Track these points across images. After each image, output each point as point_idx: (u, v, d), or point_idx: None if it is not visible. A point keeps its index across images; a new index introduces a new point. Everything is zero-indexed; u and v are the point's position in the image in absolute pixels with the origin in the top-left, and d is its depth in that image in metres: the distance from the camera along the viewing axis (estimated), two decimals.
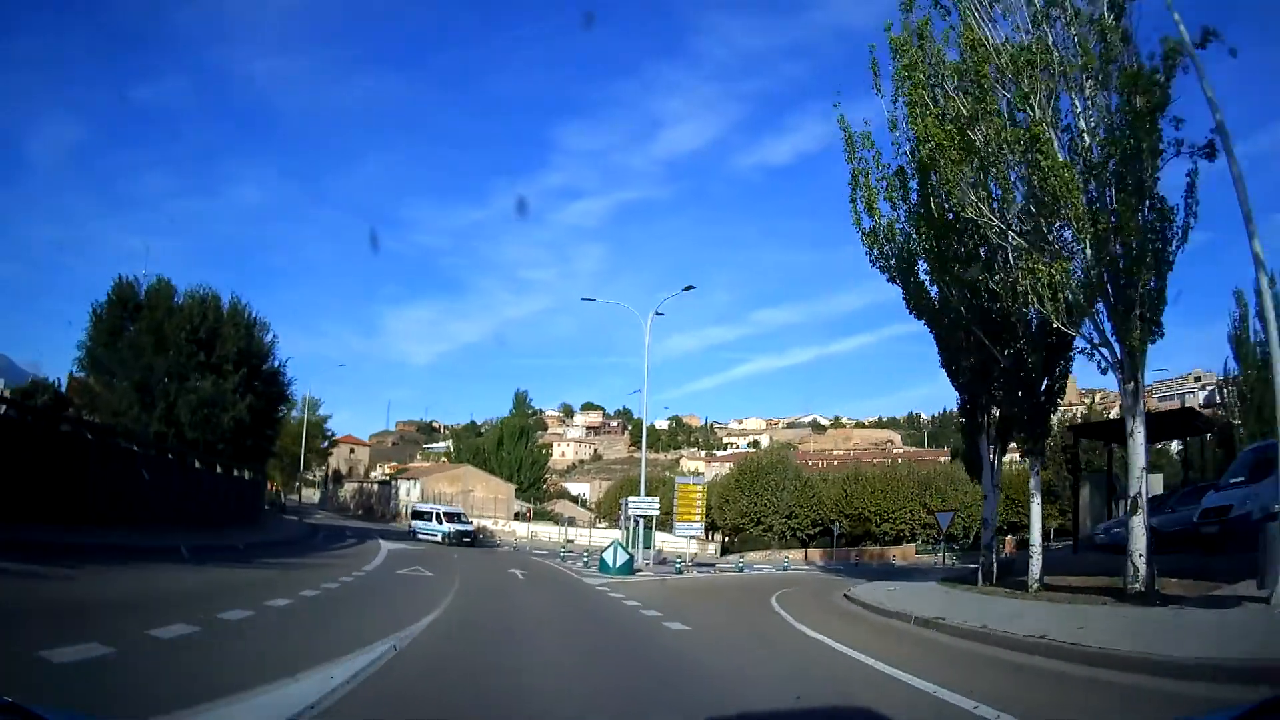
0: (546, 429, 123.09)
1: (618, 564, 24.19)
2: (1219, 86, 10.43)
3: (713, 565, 39.80)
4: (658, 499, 34.17)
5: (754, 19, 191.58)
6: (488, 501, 68.65)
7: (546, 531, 60.57)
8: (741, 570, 33.58)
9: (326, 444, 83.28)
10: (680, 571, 27.61)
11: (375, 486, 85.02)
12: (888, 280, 16.39)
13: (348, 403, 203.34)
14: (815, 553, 52.87)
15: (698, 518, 32.14)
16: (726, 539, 61.69)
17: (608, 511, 71.65)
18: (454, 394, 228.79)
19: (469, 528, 42.04)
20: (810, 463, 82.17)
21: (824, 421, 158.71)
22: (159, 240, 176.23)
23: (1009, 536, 62.25)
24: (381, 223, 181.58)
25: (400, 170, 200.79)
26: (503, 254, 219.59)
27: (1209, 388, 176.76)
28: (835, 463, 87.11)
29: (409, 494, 69.54)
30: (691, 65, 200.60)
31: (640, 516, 30.54)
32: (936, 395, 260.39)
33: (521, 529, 63.09)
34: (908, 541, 54.61)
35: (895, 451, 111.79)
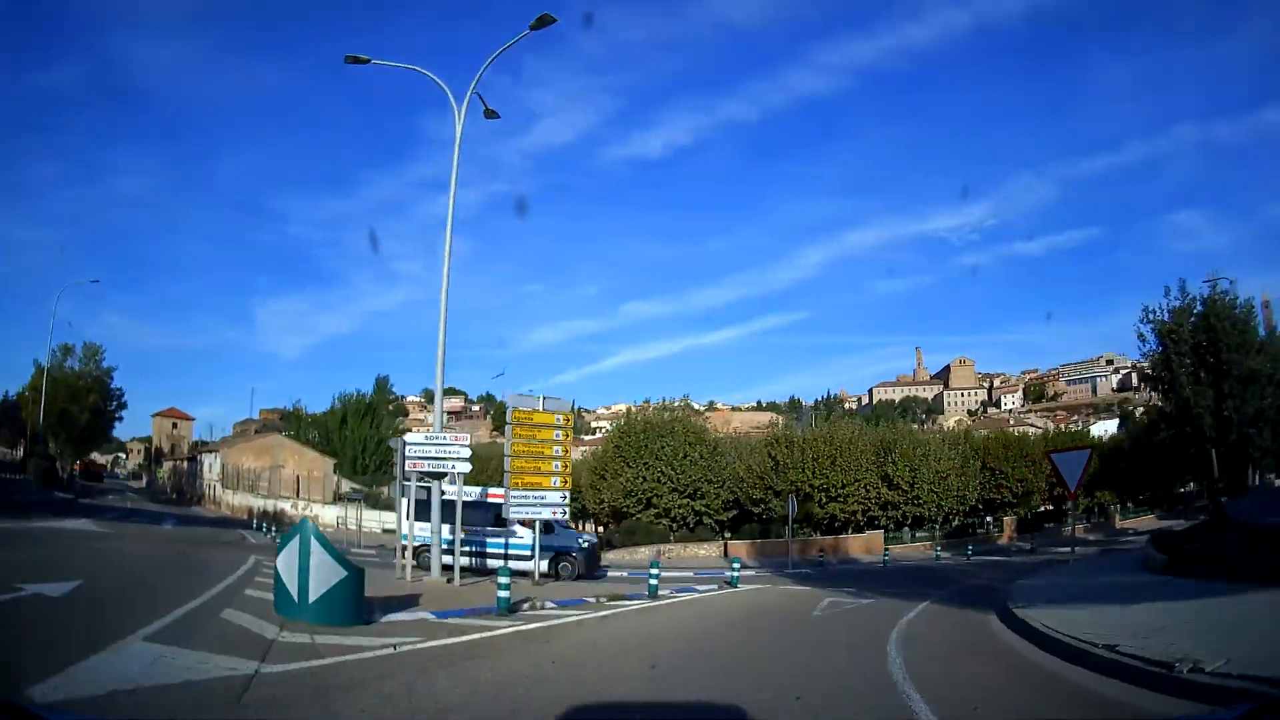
0: (408, 414, 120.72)
1: (312, 590, 8.22)
2: None
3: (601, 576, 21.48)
4: (468, 437, 15.69)
5: (630, 11, 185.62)
6: (301, 481, 53.90)
7: (373, 518, 42.59)
8: (682, 597, 15.84)
9: (114, 405, 60.46)
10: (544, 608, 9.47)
11: (185, 464, 72.72)
12: None
13: (216, 394, 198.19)
14: (739, 547, 35.66)
15: (557, 483, 16.55)
16: (603, 528, 43.67)
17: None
18: (323, 385, 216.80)
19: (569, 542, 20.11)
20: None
21: (698, 405, 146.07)
22: (37, 230, 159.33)
23: (1008, 518, 48.54)
24: (255, 213, 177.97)
25: (276, 160, 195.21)
26: (366, 246, 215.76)
27: (1122, 371, 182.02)
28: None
29: (211, 470, 58.09)
30: (565, 57, 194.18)
31: (430, 473, 15.40)
32: (814, 384, 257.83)
33: (332, 514, 46.14)
34: (862, 527, 38.67)
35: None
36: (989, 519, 45.97)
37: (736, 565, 19.58)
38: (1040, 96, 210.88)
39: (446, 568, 15.24)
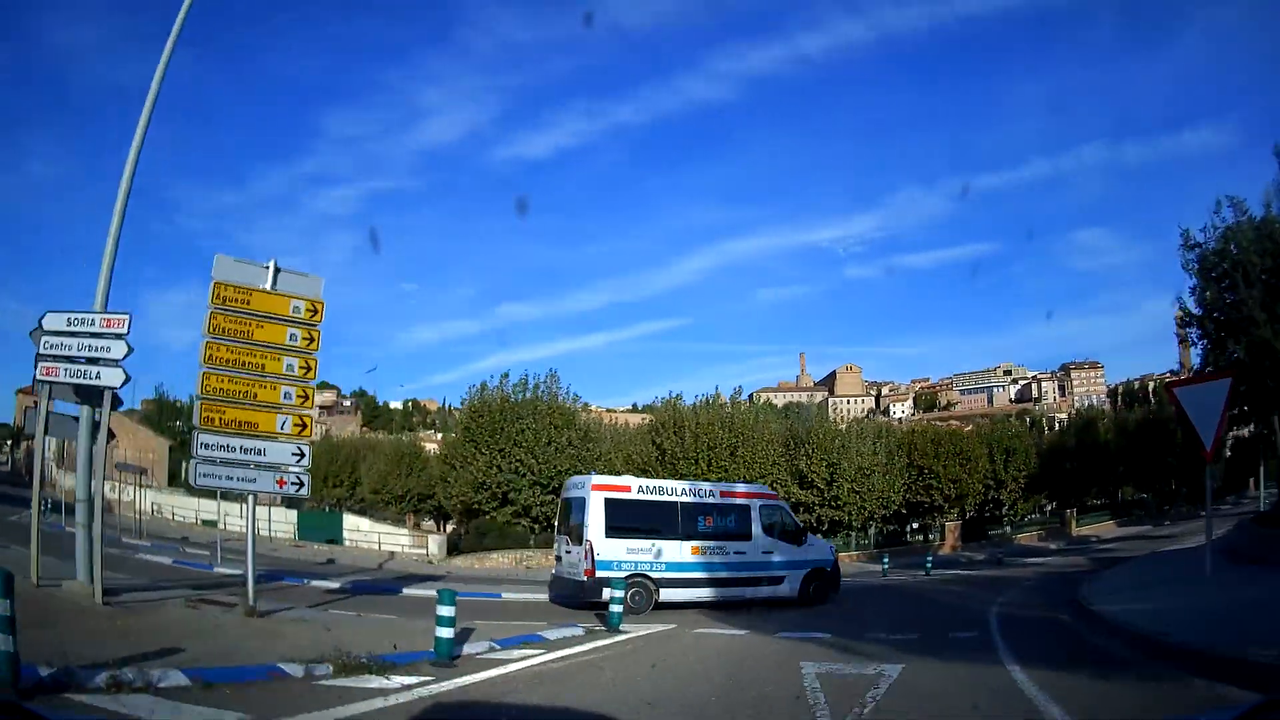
0: None
1: None
2: None
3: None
4: (129, 317, 8.49)
5: (525, 12, 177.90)
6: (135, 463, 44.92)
7: (212, 509, 34.24)
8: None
9: None
10: None
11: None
12: None
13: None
14: None
15: (288, 427, 10.33)
16: (455, 530, 35.68)
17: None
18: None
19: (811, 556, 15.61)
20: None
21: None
22: None
23: (950, 524, 38.78)
24: (148, 203, 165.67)
25: (171, 149, 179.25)
26: (256, 240, 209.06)
27: (1021, 382, 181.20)
28: None
29: (49, 449, 44.93)
30: (458, 56, 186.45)
31: (75, 385, 9.10)
32: (692, 389, 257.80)
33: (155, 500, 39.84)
34: None
35: None
36: (914, 524, 40.12)
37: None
38: (940, 111, 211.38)
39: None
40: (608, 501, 13.57)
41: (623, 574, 12.77)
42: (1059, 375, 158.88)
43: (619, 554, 13.31)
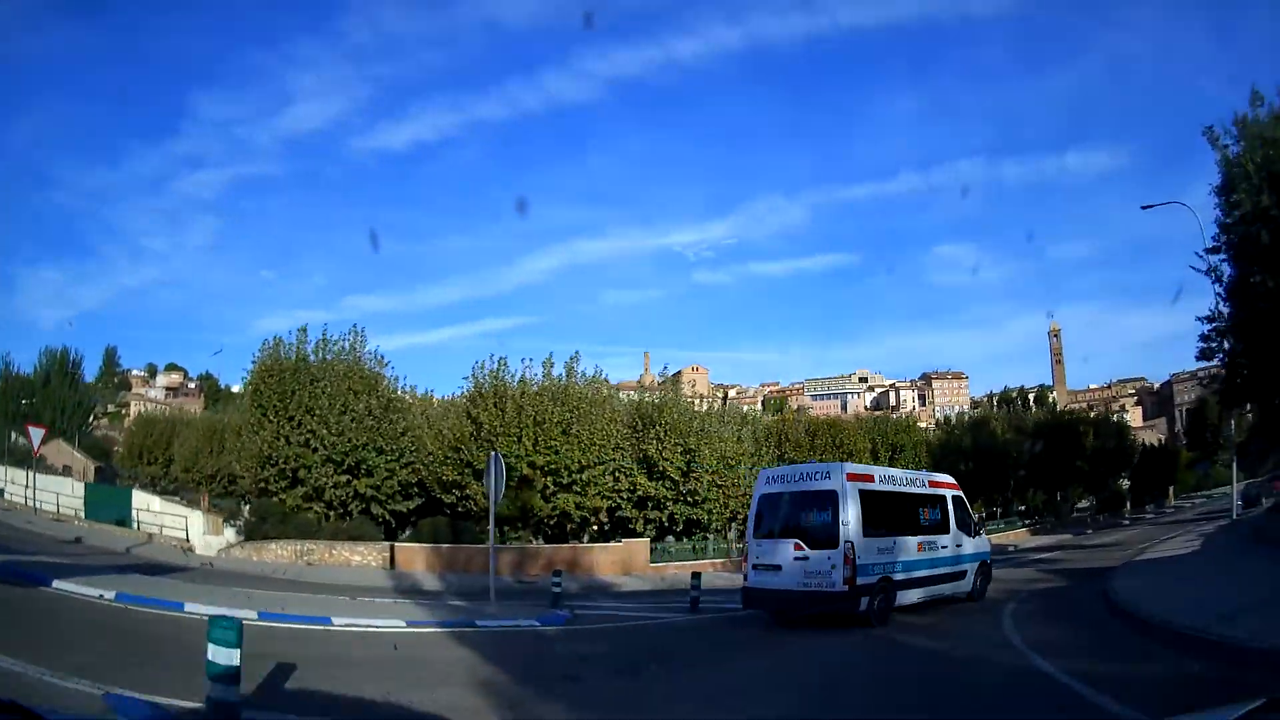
0: (131, 388, 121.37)
1: None
2: None
3: None
4: None
5: (406, 1, 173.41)
6: None
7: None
8: None
9: None
10: None
11: None
12: None
13: None
14: (416, 553, 23.69)
15: None
16: (251, 517, 30.33)
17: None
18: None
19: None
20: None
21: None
22: None
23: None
24: (29, 181, 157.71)
25: (55, 126, 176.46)
26: (125, 219, 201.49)
27: (878, 389, 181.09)
28: None
29: None
30: (333, 43, 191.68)
31: None
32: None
33: None
34: (610, 533, 27.55)
35: None
36: None
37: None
38: (809, 121, 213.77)
39: None
40: (862, 494, 11.78)
41: (874, 579, 11.50)
42: (919, 384, 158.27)
43: (872, 555, 11.55)
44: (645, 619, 14.08)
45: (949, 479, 15.03)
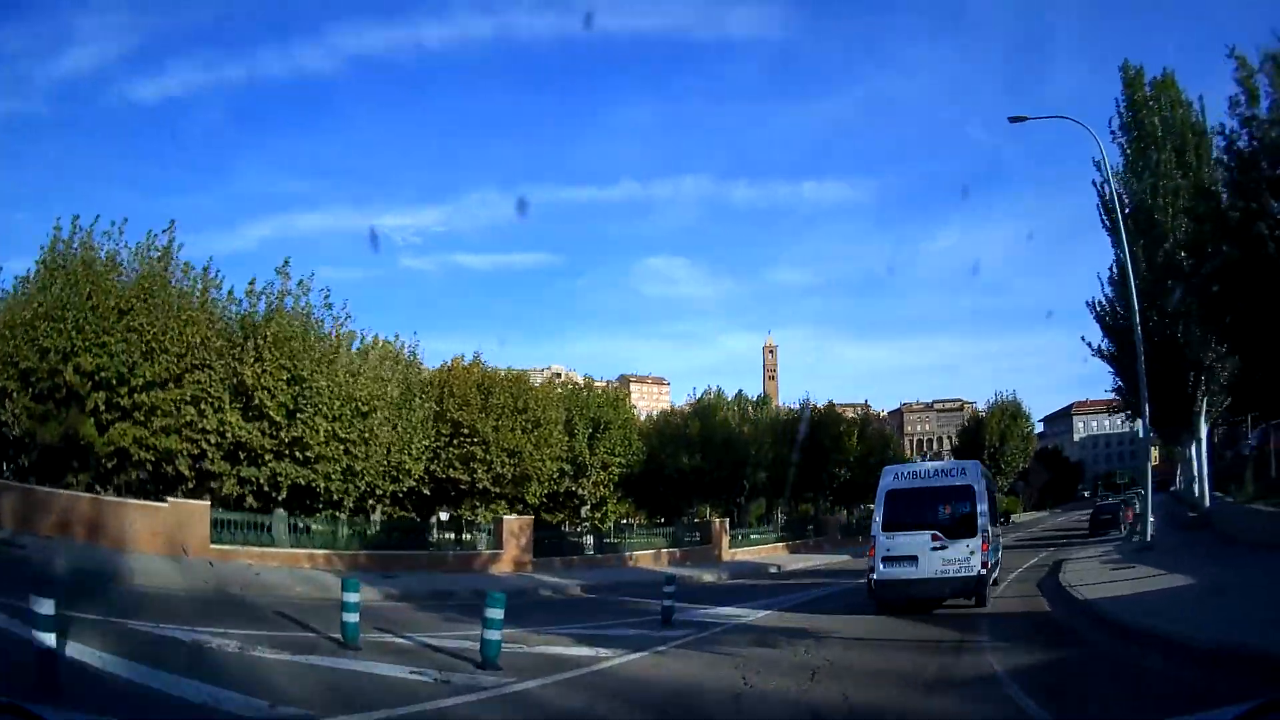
0: None
1: None
2: None
3: None
4: None
5: None
6: None
7: None
8: None
9: None
10: None
11: None
12: None
13: None
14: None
15: None
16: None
17: None
18: None
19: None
20: None
21: None
22: None
23: (515, 520, 24.53)
24: None
25: None
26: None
27: (571, 385, 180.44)
28: None
29: None
30: None
31: None
32: None
33: None
34: (180, 486, 18.68)
35: None
36: (443, 514, 29.14)
37: None
38: (540, 119, 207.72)
39: None
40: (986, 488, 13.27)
41: (993, 562, 12.91)
42: (616, 385, 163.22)
43: (994, 543, 13.04)
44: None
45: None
